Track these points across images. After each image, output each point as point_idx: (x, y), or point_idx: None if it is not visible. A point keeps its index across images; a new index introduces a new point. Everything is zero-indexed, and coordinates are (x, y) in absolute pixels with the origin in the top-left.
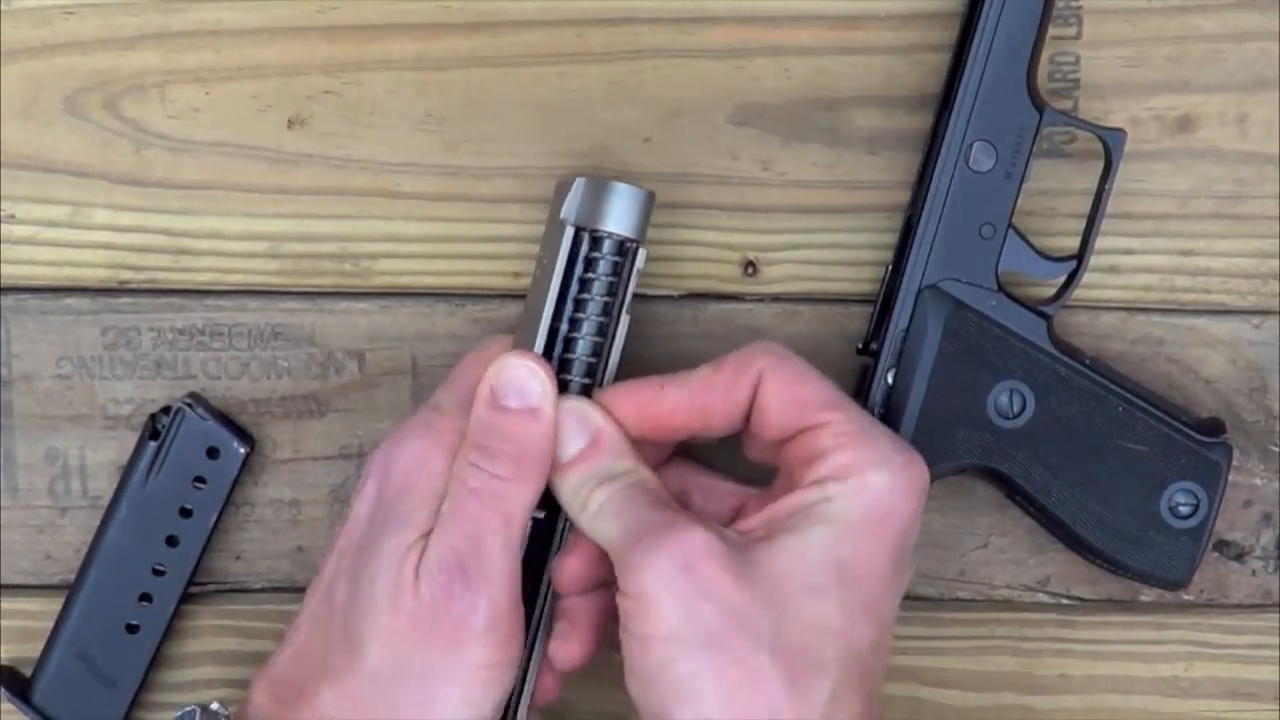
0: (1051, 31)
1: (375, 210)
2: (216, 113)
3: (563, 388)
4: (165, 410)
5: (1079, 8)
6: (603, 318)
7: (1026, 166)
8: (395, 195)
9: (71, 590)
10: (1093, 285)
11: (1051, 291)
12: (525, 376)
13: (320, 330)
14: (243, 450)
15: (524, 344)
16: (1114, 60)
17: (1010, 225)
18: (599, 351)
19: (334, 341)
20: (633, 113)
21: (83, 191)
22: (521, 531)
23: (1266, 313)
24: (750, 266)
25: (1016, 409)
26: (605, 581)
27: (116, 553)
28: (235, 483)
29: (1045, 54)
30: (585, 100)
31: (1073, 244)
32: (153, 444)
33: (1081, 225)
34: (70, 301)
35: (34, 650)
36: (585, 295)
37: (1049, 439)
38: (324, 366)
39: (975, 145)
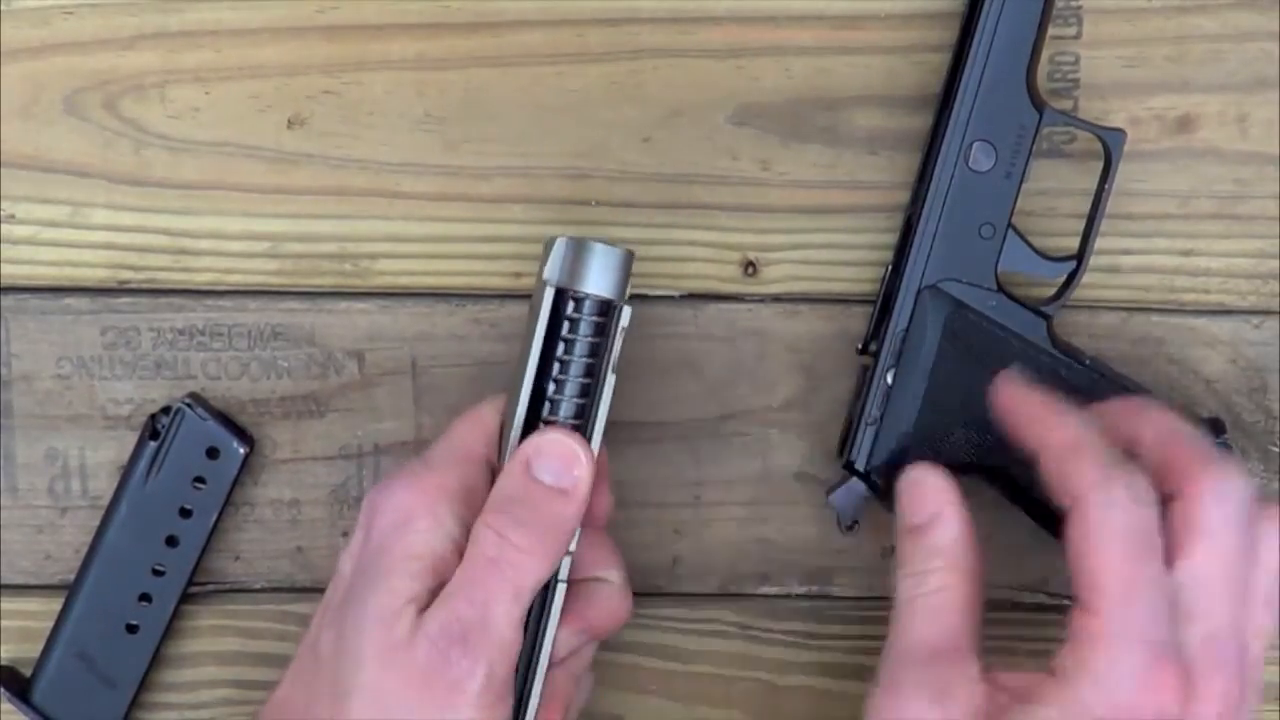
0: (1051, 31)
1: (375, 210)
2: (216, 113)
3: None
4: (165, 410)
5: (1079, 8)
6: (586, 379)
7: (1026, 166)
8: (395, 195)
9: (71, 590)
10: (1093, 285)
11: (1051, 291)
12: (568, 456)
13: (320, 330)
14: (242, 450)
15: (512, 404)
16: (1114, 60)
17: (1010, 225)
18: (583, 413)
19: (334, 341)
20: (633, 113)
21: (83, 191)
22: (529, 602)
23: (1266, 313)
24: (750, 266)
25: None
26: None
27: (116, 553)
28: (235, 483)
29: (1045, 54)
30: (585, 100)
31: (1072, 244)
32: (152, 444)
33: (1081, 225)
34: (70, 301)
35: (34, 650)
36: (568, 356)
37: None
38: (324, 366)
39: (975, 145)
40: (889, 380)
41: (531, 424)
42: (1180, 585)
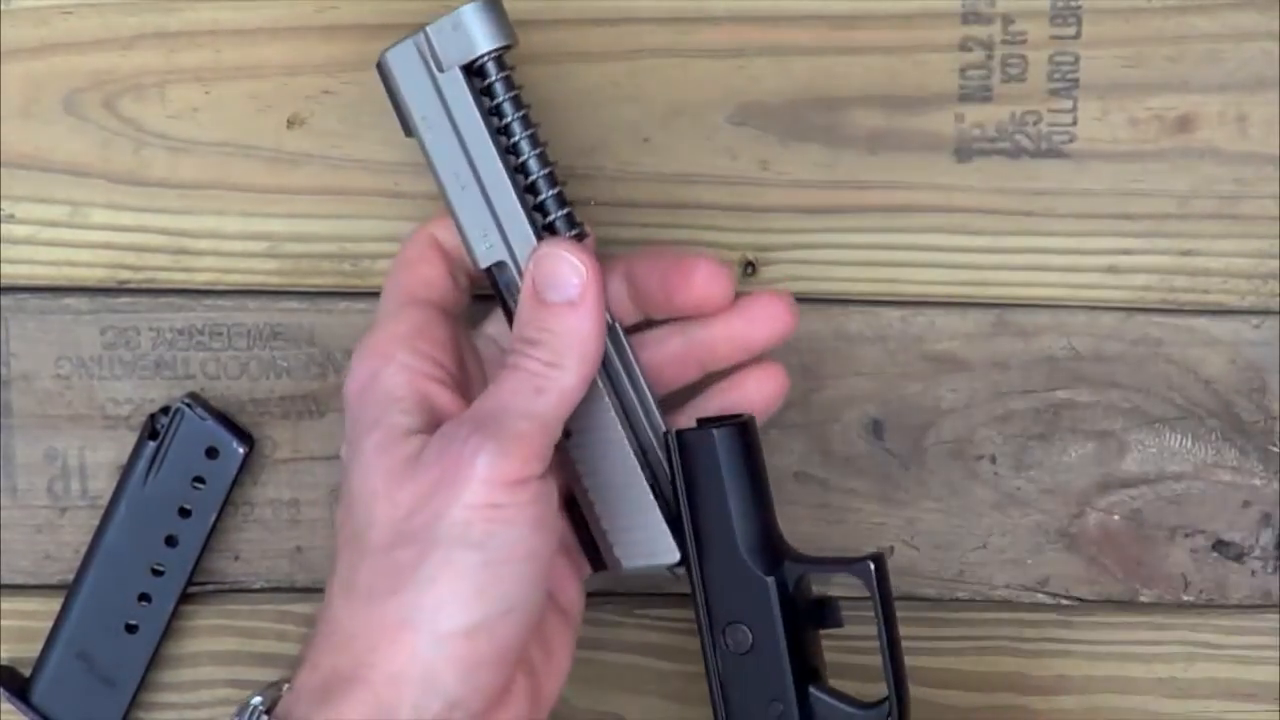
0: (1051, 31)
1: (375, 210)
2: (216, 112)
3: (551, 227)
4: (164, 410)
5: (1078, 8)
6: (531, 130)
7: (796, 626)
8: (395, 195)
9: (71, 590)
10: (1092, 285)
11: None
12: (564, 269)
13: (320, 330)
14: (242, 450)
15: (471, 219)
16: (1113, 60)
17: (808, 692)
18: (548, 160)
19: (333, 341)
20: (633, 113)
21: (82, 191)
22: (557, 409)
23: (1266, 313)
24: (750, 266)
25: None
26: None
27: (115, 553)
28: (234, 483)
29: (1045, 54)
30: (585, 100)
31: (1070, 244)
32: (152, 444)
33: (1082, 224)
34: (69, 301)
35: (33, 650)
36: (506, 121)
37: None
38: (323, 366)
39: (728, 629)
40: None
41: (527, 203)
42: None
